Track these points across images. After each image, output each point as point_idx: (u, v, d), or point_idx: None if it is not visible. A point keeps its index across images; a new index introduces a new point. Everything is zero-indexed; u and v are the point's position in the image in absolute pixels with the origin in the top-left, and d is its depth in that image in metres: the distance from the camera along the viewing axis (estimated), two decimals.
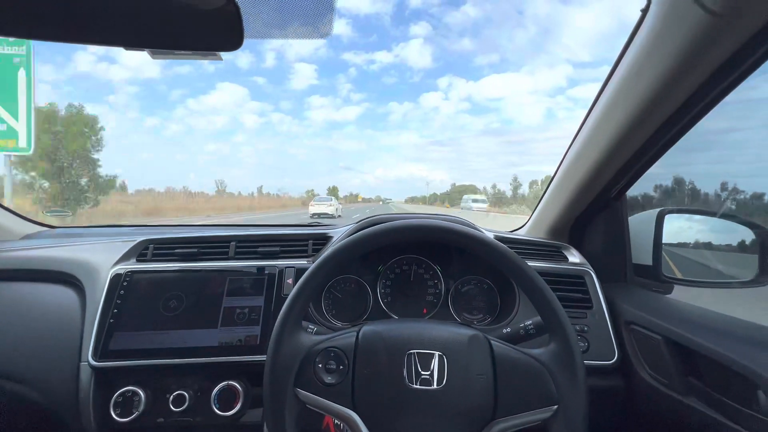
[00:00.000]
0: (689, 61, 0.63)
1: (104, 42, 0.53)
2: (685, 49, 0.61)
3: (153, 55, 0.69)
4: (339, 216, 17.27)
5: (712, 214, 1.02)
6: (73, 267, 0.95)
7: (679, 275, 0.98)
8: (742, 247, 0.93)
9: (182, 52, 0.64)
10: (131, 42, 0.55)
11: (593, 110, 0.88)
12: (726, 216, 0.97)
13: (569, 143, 1.01)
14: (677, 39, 0.61)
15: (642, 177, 0.93)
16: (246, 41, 0.54)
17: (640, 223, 1.01)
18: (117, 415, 0.80)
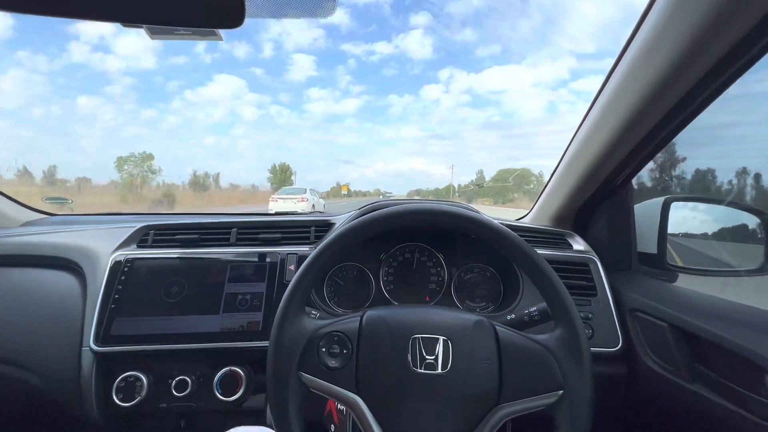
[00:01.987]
0: (700, 44, 0.61)
1: (101, 17, 0.52)
2: (697, 31, 0.60)
3: (152, 34, 0.67)
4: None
5: (719, 202, 1.01)
6: (74, 253, 0.95)
7: (680, 264, 0.98)
8: (749, 235, 0.92)
9: (181, 30, 0.62)
10: (129, 17, 0.53)
11: (600, 96, 0.86)
12: (733, 204, 0.96)
13: (575, 131, 1.00)
14: (688, 21, 0.60)
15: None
16: (246, 21, 0.52)
17: (645, 210, 1.00)
18: (119, 399, 0.80)
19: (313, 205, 12.28)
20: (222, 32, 0.62)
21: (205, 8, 0.52)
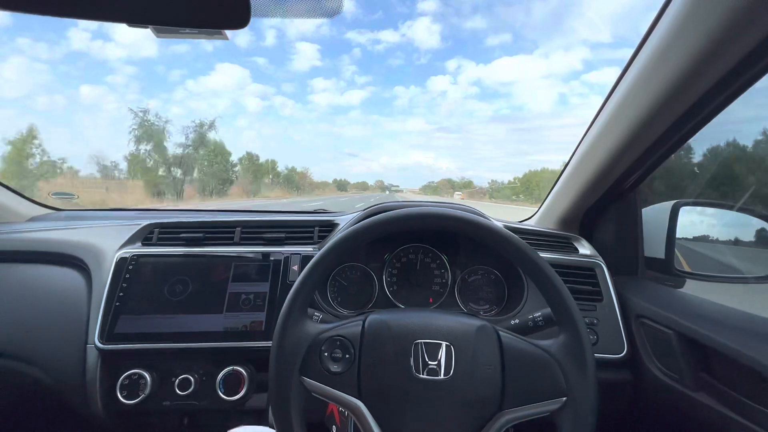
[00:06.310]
0: (720, 43, 0.58)
1: (107, 17, 0.51)
2: (717, 29, 0.57)
3: (158, 33, 0.66)
4: None
5: (730, 207, 0.99)
6: (79, 250, 0.95)
7: (687, 269, 0.96)
8: (759, 241, 0.91)
9: (187, 30, 0.61)
10: (135, 18, 0.53)
11: (612, 96, 0.84)
12: (744, 209, 0.94)
13: (584, 131, 0.98)
14: (709, 18, 0.57)
15: None
16: (252, 20, 0.52)
17: (653, 215, 0.99)
18: (123, 397, 0.81)
19: None
20: (227, 31, 0.62)
21: (211, 9, 0.52)
